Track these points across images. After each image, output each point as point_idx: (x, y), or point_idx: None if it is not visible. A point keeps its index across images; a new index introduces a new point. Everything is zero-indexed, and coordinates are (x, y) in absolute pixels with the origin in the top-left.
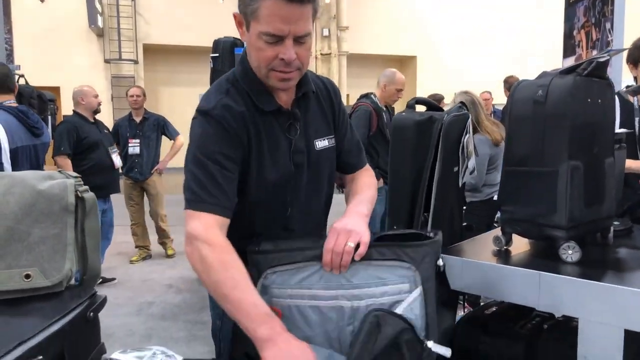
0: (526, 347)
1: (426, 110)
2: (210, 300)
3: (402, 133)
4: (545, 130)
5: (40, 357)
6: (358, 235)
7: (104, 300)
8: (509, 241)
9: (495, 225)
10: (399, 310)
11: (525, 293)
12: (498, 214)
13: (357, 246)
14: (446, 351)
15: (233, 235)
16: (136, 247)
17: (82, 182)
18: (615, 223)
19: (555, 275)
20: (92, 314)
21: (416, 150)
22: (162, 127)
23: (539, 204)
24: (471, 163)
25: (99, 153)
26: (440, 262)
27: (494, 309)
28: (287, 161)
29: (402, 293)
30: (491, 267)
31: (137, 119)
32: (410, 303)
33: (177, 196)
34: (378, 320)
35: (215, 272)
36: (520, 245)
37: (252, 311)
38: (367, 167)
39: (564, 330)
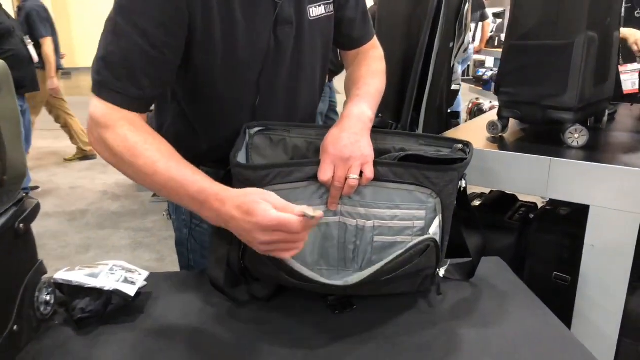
0: (518, 238)
1: None
2: (169, 204)
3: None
4: None
5: None
6: (360, 161)
7: (37, 207)
8: (505, 127)
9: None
10: (410, 236)
11: (533, 181)
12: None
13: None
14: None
15: (186, 145)
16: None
17: None
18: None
19: (568, 160)
20: (22, 225)
21: (409, 22)
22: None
23: (547, 82)
24: (467, 39)
25: (14, 42)
26: (463, 183)
27: (479, 202)
28: (266, 34)
29: (414, 219)
30: (496, 155)
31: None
32: (433, 230)
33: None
34: (425, 250)
35: (127, 163)
36: (511, 132)
37: (188, 192)
38: (375, 42)
39: (552, 219)
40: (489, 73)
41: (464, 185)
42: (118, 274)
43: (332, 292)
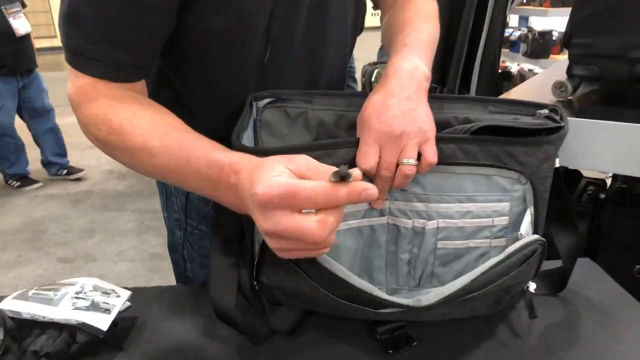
0: (589, 224)
1: None
2: (160, 195)
3: None
4: None
5: None
6: (417, 138)
7: None
8: (576, 88)
9: None
10: (493, 240)
11: (624, 156)
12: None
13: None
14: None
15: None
16: None
17: None
18: None
19: None
20: None
21: None
22: None
23: (637, 29)
24: None
25: None
26: (556, 162)
27: None
28: None
29: (495, 215)
30: (571, 124)
31: None
32: (525, 229)
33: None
34: (530, 256)
35: (120, 150)
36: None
37: (196, 169)
38: None
39: (633, 200)
40: (517, 33)
41: (557, 164)
42: (87, 299)
43: (388, 318)
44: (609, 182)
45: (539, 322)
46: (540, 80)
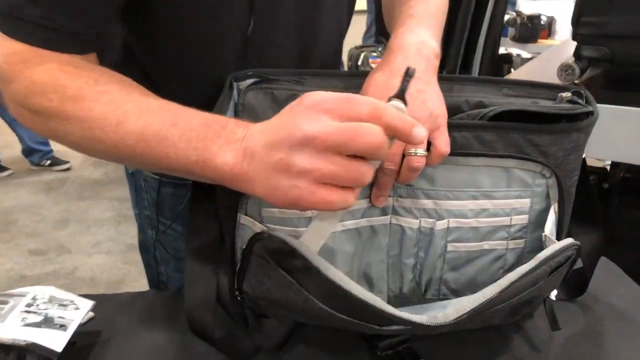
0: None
1: None
2: (130, 189)
3: None
4: None
5: None
6: (426, 124)
7: None
8: (584, 71)
9: None
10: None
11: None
12: None
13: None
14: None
15: None
16: None
17: None
18: None
19: None
20: None
21: None
22: None
23: None
24: None
25: None
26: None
27: None
28: None
29: (513, 214)
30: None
31: None
32: (549, 229)
33: None
34: (565, 262)
35: (68, 119)
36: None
37: (193, 137)
38: None
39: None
40: (505, 17)
41: (583, 155)
42: (40, 313)
43: (393, 332)
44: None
45: (558, 333)
46: (540, 64)
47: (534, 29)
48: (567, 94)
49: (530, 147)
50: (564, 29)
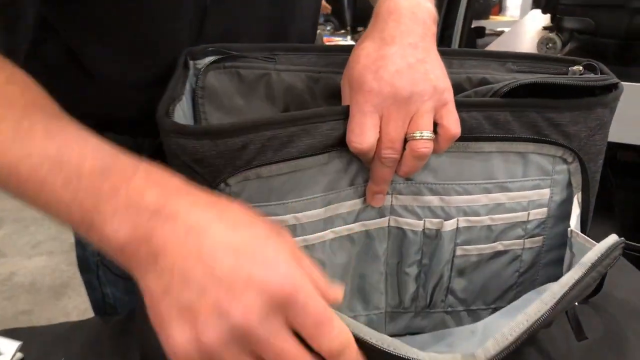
0: None
1: None
2: None
3: None
4: None
5: None
6: (432, 101)
7: None
8: (566, 44)
9: None
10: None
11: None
12: None
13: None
14: None
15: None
16: None
17: None
18: None
19: None
20: None
21: None
22: None
23: None
24: None
25: None
26: None
27: None
28: None
29: (531, 207)
30: None
31: None
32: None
33: None
34: (609, 266)
35: None
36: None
37: (77, 174)
38: None
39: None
40: None
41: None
42: None
43: None
44: None
45: (576, 341)
46: (512, 37)
47: (486, 6)
48: (578, 68)
49: (550, 127)
50: (513, 5)
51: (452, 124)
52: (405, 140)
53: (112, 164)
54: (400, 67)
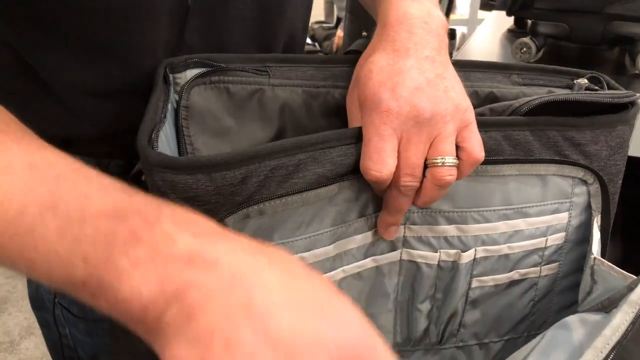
0: None
1: None
2: None
3: None
4: None
5: None
6: (454, 121)
7: None
8: (540, 49)
9: None
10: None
11: None
12: None
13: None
14: None
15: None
16: None
17: None
18: None
19: None
20: None
21: None
22: None
23: None
24: None
25: None
26: None
27: None
28: None
29: (550, 233)
30: None
31: None
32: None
33: None
34: None
35: None
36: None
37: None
38: None
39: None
40: None
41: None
42: None
43: None
44: None
45: None
46: (481, 41)
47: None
48: (583, 81)
49: (571, 147)
50: (462, 5)
51: (476, 147)
52: (425, 166)
53: (127, 204)
54: (420, 84)
